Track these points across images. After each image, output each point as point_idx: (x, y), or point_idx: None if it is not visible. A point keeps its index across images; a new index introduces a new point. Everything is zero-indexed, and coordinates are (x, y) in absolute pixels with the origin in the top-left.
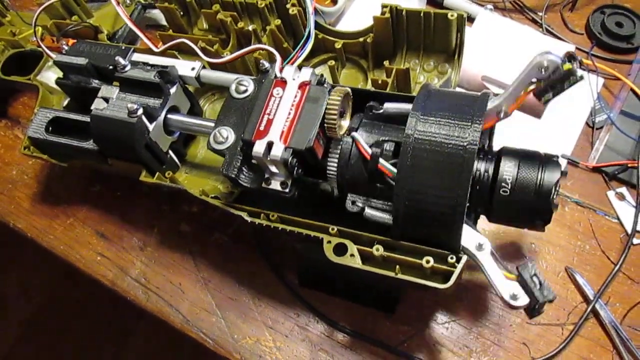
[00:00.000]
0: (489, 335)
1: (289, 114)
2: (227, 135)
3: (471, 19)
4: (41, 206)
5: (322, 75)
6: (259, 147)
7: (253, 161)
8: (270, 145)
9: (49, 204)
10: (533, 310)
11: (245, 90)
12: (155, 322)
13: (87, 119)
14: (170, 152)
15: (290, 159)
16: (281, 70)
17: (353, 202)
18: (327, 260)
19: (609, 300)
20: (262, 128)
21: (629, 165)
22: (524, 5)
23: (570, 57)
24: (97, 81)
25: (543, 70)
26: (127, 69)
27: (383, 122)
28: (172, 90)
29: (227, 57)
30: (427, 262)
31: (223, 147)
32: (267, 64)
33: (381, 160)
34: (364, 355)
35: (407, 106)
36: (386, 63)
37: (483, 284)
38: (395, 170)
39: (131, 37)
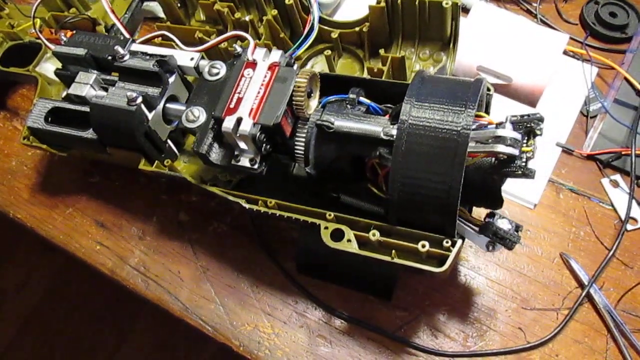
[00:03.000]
0: (485, 320)
1: (259, 92)
2: (199, 114)
3: (466, 10)
4: (40, 196)
5: (291, 57)
6: (228, 123)
7: (223, 139)
8: (239, 121)
9: (48, 194)
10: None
11: (218, 73)
12: (155, 312)
13: (86, 109)
14: (169, 141)
15: (258, 135)
16: (252, 53)
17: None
18: (325, 246)
19: (603, 285)
20: (232, 106)
21: (623, 152)
22: None
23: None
24: (95, 72)
25: None
26: (126, 58)
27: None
28: (171, 79)
29: (206, 44)
30: (423, 246)
31: (194, 126)
32: (239, 48)
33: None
34: (361, 341)
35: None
36: (382, 51)
37: (478, 269)
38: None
39: (129, 30)
